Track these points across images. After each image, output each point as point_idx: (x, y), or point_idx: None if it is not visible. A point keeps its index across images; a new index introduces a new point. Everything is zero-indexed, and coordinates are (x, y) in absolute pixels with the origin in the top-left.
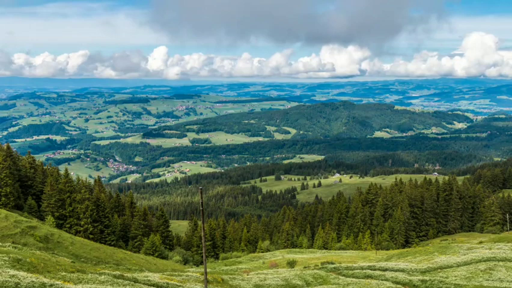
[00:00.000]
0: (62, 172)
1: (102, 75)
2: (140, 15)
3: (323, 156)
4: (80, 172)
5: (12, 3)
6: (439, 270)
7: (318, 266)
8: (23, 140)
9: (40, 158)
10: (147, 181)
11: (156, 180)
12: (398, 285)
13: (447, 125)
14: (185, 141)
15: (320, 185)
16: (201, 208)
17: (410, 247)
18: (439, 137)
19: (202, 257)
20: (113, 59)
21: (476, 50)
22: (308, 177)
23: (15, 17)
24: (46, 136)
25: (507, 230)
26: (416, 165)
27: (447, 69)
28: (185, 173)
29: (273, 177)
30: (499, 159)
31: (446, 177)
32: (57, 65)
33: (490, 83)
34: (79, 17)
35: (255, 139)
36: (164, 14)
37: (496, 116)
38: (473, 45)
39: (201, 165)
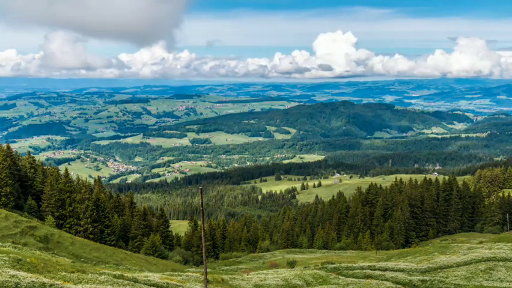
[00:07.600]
0: (62, 172)
1: (102, 75)
2: None
3: (323, 156)
4: (80, 172)
5: None
6: (439, 270)
7: (318, 266)
8: (23, 140)
9: (40, 158)
10: (147, 181)
11: (156, 180)
12: (398, 285)
13: (447, 125)
14: (185, 141)
15: (320, 185)
16: (200, 208)
17: (410, 247)
18: (439, 137)
19: (202, 257)
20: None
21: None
22: (308, 177)
23: None
24: (46, 136)
25: (507, 230)
26: (416, 165)
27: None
28: (185, 173)
29: (273, 177)
30: (499, 159)
31: (446, 177)
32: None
33: (490, 83)
34: None
35: (255, 139)
36: None
37: (496, 116)
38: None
39: (201, 165)
